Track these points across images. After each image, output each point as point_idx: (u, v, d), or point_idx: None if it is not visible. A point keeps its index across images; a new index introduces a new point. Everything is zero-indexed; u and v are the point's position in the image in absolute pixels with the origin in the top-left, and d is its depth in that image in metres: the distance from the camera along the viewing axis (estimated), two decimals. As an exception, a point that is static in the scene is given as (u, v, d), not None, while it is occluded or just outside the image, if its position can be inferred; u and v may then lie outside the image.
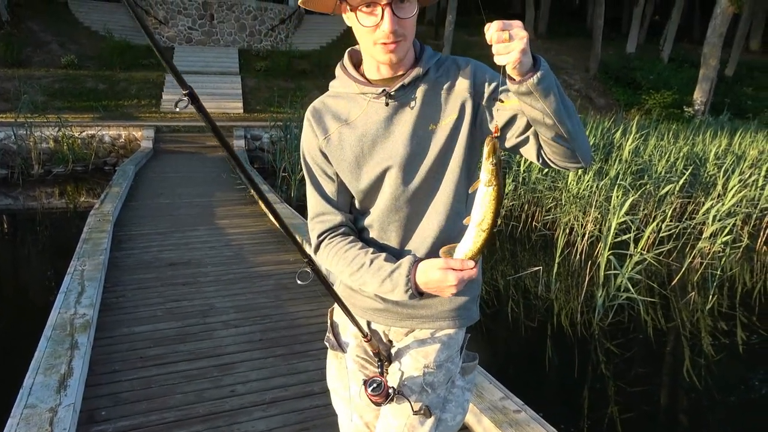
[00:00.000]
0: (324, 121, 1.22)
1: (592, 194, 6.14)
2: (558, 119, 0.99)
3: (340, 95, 1.22)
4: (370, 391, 1.22)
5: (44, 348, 2.75)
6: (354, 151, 1.18)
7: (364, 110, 1.18)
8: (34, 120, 10.54)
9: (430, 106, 1.15)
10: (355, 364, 1.38)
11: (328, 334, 1.43)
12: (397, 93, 1.15)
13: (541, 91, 0.95)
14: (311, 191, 1.27)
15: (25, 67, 14.71)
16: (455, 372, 1.32)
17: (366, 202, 1.23)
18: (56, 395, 2.34)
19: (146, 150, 10.57)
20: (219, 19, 18.59)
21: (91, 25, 17.95)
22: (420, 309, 1.27)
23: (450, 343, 1.29)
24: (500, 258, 6.39)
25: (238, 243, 5.16)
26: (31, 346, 2.78)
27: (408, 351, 1.29)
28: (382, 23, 1.04)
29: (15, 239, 7.33)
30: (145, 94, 14.63)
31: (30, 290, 5.54)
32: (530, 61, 0.94)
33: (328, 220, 1.25)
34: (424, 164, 1.16)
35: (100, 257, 4.20)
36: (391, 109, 1.16)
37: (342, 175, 1.22)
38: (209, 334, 3.27)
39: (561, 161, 1.10)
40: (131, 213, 6.15)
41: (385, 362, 1.34)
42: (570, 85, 20.05)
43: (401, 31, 1.07)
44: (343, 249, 1.21)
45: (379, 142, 1.17)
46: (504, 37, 0.91)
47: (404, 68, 1.15)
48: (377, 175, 1.17)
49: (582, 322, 4.72)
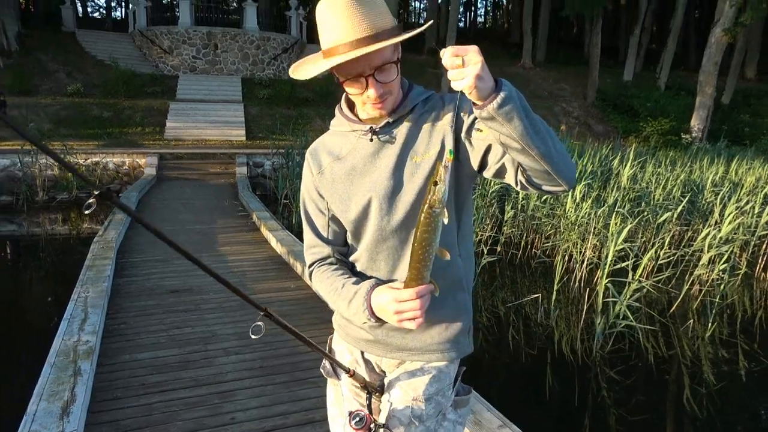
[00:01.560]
0: (319, 158, 1.31)
1: (591, 221, 6.20)
2: (526, 143, 0.99)
3: (336, 133, 1.31)
4: (353, 423, 1.26)
5: (48, 374, 2.78)
6: (343, 183, 1.26)
7: (353, 146, 1.27)
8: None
9: (414, 140, 1.22)
10: (349, 392, 1.42)
11: (324, 361, 1.47)
12: (382, 129, 1.23)
13: (503, 116, 0.96)
14: (305, 225, 1.36)
15: (32, 96, 14.96)
16: (446, 405, 1.33)
17: (357, 233, 1.29)
18: (59, 422, 2.36)
19: (150, 177, 10.69)
20: (223, 49, 18.96)
21: (97, 54, 18.31)
22: (409, 341, 1.30)
23: (440, 376, 1.30)
24: (500, 285, 6.42)
25: (239, 270, 5.20)
26: (35, 372, 2.81)
27: (398, 383, 1.32)
28: (368, 90, 1.14)
29: (19, 265, 7.38)
30: (149, 122, 14.85)
31: (34, 316, 5.57)
32: (489, 86, 0.95)
33: (317, 252, 1.34)
34: (407, 196, 1.20)
35: (103, 284, 4.24)
36: (376, 144, 1.23)
37: (333, 207, 1.29)
38: (210, 361, 3.30)
39: (540, 184, 1.10)
40: (134, 240, 6.20)
41: (375, 393, 1.37)
42: (568, 112, 20.31)
43: (386, 91, 1.16)
44: (326, 276, 1.30)
45: (365, 175, 1.24)
46: (457, 62, 0.93)
47: (395, 104, 1.23)
48: (363, 206, 1.24)
49: (582, 349, 4.73)
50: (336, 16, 1.09)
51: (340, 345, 1.44)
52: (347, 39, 1.09)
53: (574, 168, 1.12)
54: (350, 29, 1.09)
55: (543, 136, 1.02)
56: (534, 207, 7.31)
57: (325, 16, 1.11)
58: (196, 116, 15.24)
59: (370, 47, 1.07)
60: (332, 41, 1.11)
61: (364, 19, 1.09)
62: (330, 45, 1.11)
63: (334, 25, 1.10)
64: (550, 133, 1.05)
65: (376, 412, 1.39)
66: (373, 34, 1.09)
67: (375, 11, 1.10)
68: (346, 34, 1.09)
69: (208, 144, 14.05)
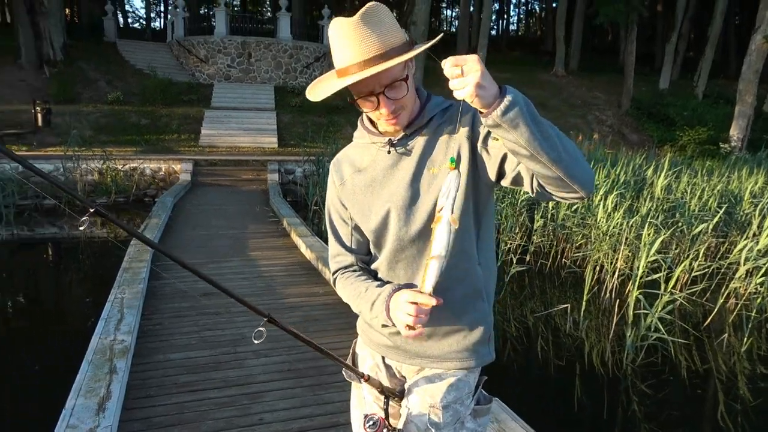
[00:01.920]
0: (341, 170, 1.35)
1: (623, 232, 6.10)
2: (534, 149, 0.99)
3: (358, 145, 1.35)
4: (367, 426, 1.30)
5: (85, 371, 2.89)
6: (364, 194, 1.30)
7: (373, 158, 1.30)
8: (81, 153, 11.10)
9: (431, 151, 1.24)
10: (370, 395, 1.45)
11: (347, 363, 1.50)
12: (400, 141, 1.25)
13: (508, 122, 0.97)
14: (330, 234, 1.40)
15: (75, 104, 15.52)
16: (464, 414, 1.34)
17: (378, 242, 1.32)
18: (95, 417, 2.46)
19: (185, 182, 10.96)
20: (256, 58, 19.34)
21: (137, 63, 18.90)
22: (427, 348, 1.32)
23: (459, 384, 1.32)
24: (529, 295, 6.36)
25: (269, 274, 5.30)
26: (74, 369, 2.93)
27: (416, 389, 1.34)
28: (381, 107, 1.17)
29: (60, 267, 7.66)
30: (185, 129, 15.23)
31: (73, 316, 5.78)
32: (492, 94, 0.96)
33: (341, 260, 1.39)
34: (424, 206, 1.22)
35: (138, 286, 4.38)
36: (394, 156, 1.26)
37: (355, 217, 1.33)
38: (240, 363, 3.38)
39: (555, 192, 1.10)
40: (169, 243, 6.38)
41: (393, 398, 1.40)
42: (602, 121, 20.01)
43: (399, 107, 1.19)
44: (350, 282, 1.34)
45: (384, 187, 1.27)
46: (457, 72, 0.95)
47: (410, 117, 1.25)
48: (382, 216, 1.27)
49: (613, 361, 4.65)
50: (345, 37, 1.12)
51: (363, 349, 1.47)
52: (356, 60, 1.12)
53: (591, 174, 1.10)
54: (359, 50, 1.11)
55: (552, 141, 1.01)
56: (564, 216, 7.23)
57: (335, 37, 1.14)
58: (229, 124, 15.57)
59: (378, 67, 1.09)
60: (343, 62, 1.14)
61: (372, 39, 1.11)
62: (341, 66, 1.15)
63: (343, 45, 1.13)
64: (562, 139, 1.04)
65: (396, 417, 1.42)
66: (381, 53, 1.11)
67: (383, 30, 1.12)
68: (355, 54, 1.12)
69: (241, 151, 14.32)
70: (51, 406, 2.65)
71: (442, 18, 50.55)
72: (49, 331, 5.39)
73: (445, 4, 47.91)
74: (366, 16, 1.12)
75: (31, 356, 4.70)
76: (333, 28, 1.15)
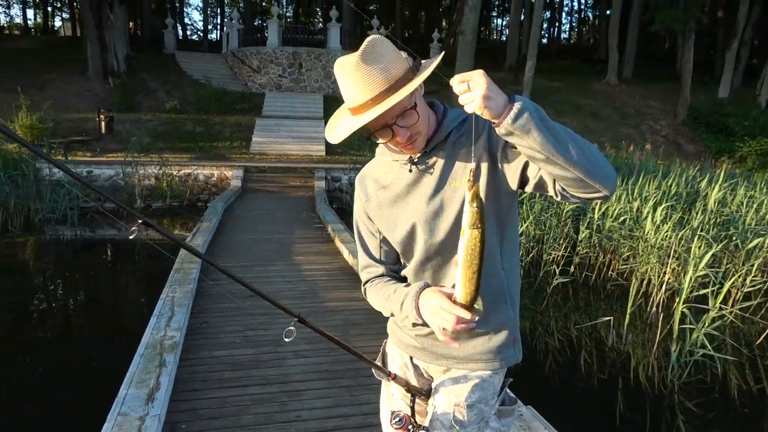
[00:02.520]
0: (366, 186, 1.41)
1: (671, 244, 5.92)
2: (549, 152, 1.03)
3: (381, 162, 1.40)
4: (393, 423, 1.36)
5: (137, 364, 3.07)
6: (389, 209, 1.36)
7: (395, 175, 1.35)
8: (139, 159, 11.67)
9: (451, 166, 1.28)
10: (398, 393, 1.51)
11: (376, 361, 1.57)
12: (420, 159, 1.30)
13: (519, 129, 1.00)
14: (359, 246, 1.47)
15: (135, 112, 16.32)
16: (489, 413, 1.38)
17: (405, 254, 1.38)
18: (145, 406, 2.62)
19: (235, 188, 11.34)
20: (307, 68, 19.82)
21: (193, 74, 19.69)
22: (453, 350, 1.37)
23: (483, 385, 1.36)
24: (573, 307, 6.26)
25: (312, 278, 5.44)
26: (127, 361, 3.12)
27: (442, 388, 1.39)
28: (396, 137, 1.23)
29: (117, 267, 8.07)
30: (237, 137, 15.75)
31: (128, 312, 6.11)
32: (500, 104, 1.00)
33: (371, 271, 1.45)
34: (447, 218, 1.27)
35: (189, 286, 4.59)
36: (416, 173, 1.31)
37: (382, 231, 1.39)
38: (280, 362, 3.50)
39: (578, 193, 1.12)
40: (218, 246, 6.63)
41: (420, 396, 1.45)
42: (656, 131, 19.39)
43: (414, 132, 1.23)
44: (379, 287, 1.41)
45: (408, 202, 1.32)
46: (464, 88, 1.00)
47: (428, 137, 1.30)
48: (407, 230, 1.32)
49: (659, 378, 4.53)
50: (348, 78, 1.17)
51: (392, 349, 1.54)
52: (364, 99, 1.16)
53: (611, 172, 1.12)
54: (364, 89, 1.16)
55: (566, 143, 1.04)
56: (610, 228, 7.07)
57: (340, 78, 1.19)
58: (279, 132, 15.99)
59: (386, 103, 1.14)
60: (351, 102, 1.19)
61: (374, 77, 1.14)
62: (351, 106, 1.20)
63: (348, 86, 1.18)
64: (577, 140, 1.07)
65: (423, 414, 1.47)
66: (386, 87, 1.14)
67: (384, 64, 1.15)
68: (362, 94, 1.16)
69: (290, 158, 14.68)
70: (104, 395, 2.82)
71: (492, 27, 50.30)
72: (105, 325, 5.72)
73: (495, 13, 47.65)
74: (365, 54, 1.15)
75: (89, 349, 5.00)
76: (337, 69, 1.20)
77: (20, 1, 41.42)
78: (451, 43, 28.20)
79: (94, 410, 2.77)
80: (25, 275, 7.44)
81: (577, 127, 18.33)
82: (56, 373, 4.47)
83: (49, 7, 40.86)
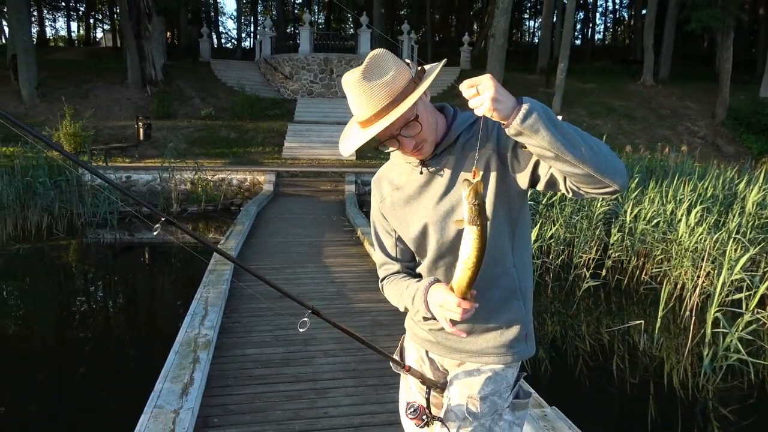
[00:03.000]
0: (381, 187, 1.47)
1: (705, 247, 5.79)
2: (558, 150, 1.06)
3: (395, 164, 1.46)
4: (409, 413, 1.41)
5: (172, 360, 3.20)
6: (402, 210, 1.41)
7: (408, 177, 1.40)
8: (175, 165, 12.02)
9: (461, 167, 1.33)
10: (414, 385, 1.56)
11: (394, 355, 1.63)
12: (431, 161, 1.35)
13: (528, 128, 1.04)
14: (376, 245, 1.53)
15: (172, 119, 16.81)
16: (502, 406, 1.41)
17: (419, 252, 1.43)
18: (179, 400, 2.73)
19: (268, 192, 11.56)
20: (338, 73, 20.04)
21: (227, 81, 20.16)
22: (465, 344, 1.42)
23: (496, 378, 1.40)
24: (605, 311, 6.19)
25: (341, 280, 5.52)
26: (162, 357, 3.25)
27: (456, 381, 1.44)
28: (402, 147, 1.28)
29: (154, 269, 8.34)
30: (269, 142, 16.05)
31: (164, 311, 6.33)
32: (509, 106, 1.03)
33: (387, 268, 1.51)
34: (457, 218, 1.31)
35: (222, 287, 4.73)
36: (427, 175, 1.36)
37: (397, 230, 1.46)
38: (309, 360, 3.58)
39: (589, 189, 1.15)
40: (251, 249, 6.79)
41: (435, 389, 1.50)
42: (694, 132, 18.90)
43: (420, 140, 1.28)
44: (394, 284, 1.46)
45: (420, 203, 1.38)
46: (473, 92, 1.04)
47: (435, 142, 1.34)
48: (420, 230, 1.38)
49: (693, 383, 4.44)
50: (353, 94, 1.23)
51: (409, 343, 1.60)
52: (369, 114, 1.22)
53: (621, 167, 1.15)
54: (368, 105, 1.21)
55: (574, 141, 1.07)
56: (643, 231, 6.95)
57: (346, 92, 1.25)
58: (311, 137, 16.22)
59: (388, 119, 1.19)
60: (357, 116, 1.26)
61: (376, 92, 1.20)
62: (357, 119, 1.27)
63: (353, 101, 1.24)
64: (586, 138, 1.10)
65: (438, 406, 1.52)
66: (388, 102, 1.19)
67: (387, 79, 1.20)
68: (365, 110, 1.22)
69: (321, 163, 14.87)
70: (142, 389, 2.96)
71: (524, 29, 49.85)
72: (142, 324, 5.93)
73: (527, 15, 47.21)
74: (367, 71, 1.20)
75: (127, 345, 5.21)
76: (343, 84, 1.26)
77: (64, 14, 43.18)
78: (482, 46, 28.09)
79: (131, 403, 2.91)
80: (69, 276, 7.77)
81: (611, 128, 18.01)
82: (97, 368, 4.69)
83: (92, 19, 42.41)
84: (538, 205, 7.68)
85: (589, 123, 18.51)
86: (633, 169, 9.83)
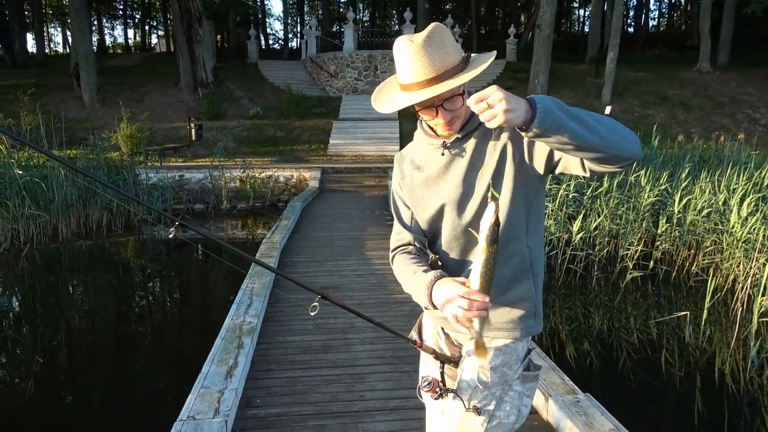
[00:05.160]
0: (403, 165, 1.55)
1: (757, 238, 5.56)
2: (582, 141, 1.10)
3: (418, 144, 1.53)
4: (424, 386, 1.48)
5: (219, 345, 3.39)
6: (421, 189, 1.48)
7: (429, 158, 1.47)
8: (225, 163, 12.45)
9: (481, 153, 1.39)
10: (431, 360, 1.63)
11: (412, 332, 1.70)
12: (453, 144, 1.41)
13: (546, 131, 1.07)
14: (394, 216, 1.60)
15: (221, 119, 17.36)
16: (512, 377, 1.48)
17: (433, 233, 1.50)
18: (224, 381, 2.91)
19: (313, 189, 11.81)
20: (382, 70, 20.16)
21: (274, 81, 20.63)
22: None
23: (506, 350, 1.47)
24: (653, 303, 6.04)
25: (381, 272, 5.63)
26: (210, 342, 3.45)
27: (469, 355, 1.51)
28: (438, 117, 1.34)
29: (207, 263, 8.70)
30: (315, 140, 16.35)
31: (214, 300, 6.63)
32: (522, 112, 1.06)
33: (401, 238, 1.56)
34: (474, 201, 1.38)
35: (266, 278, 4.92)
36: (448, 157, 1.43)
37: (413, 208, 1.52)
38: (348, 347, 3.71)
39: (610, 167, 1.20)
40: (295, 243, 7.00)
41: (447, 363, 1.56)
42: (755, 120, 17.99)
43: (454, 116, 1.34)
44: (403, 263, 1.50)
45: (438, 184, 1.44)
46: (483, 107, 1.06)
47: (463, 123, 1.41)
48: (437, 210, 1.44)
49: (743, 376, 4.31)
50: (409, 57, 1.28)
51: (426, 320, 1.68)
52: (418, 79, 1.27)
53: (635, 137, 1.19)
54: (421, 71, 1.26)
55: (594, 128, 1.12)
56: (693, 221, 6.73)
57: (400, 54, 1.30)
58: (355, 134, 16.42)
59: (438, 88, 1.25)
60: (406, 80, 1.30)
61: (433, 61, 1.25)
62: (404, 82, 1.32)
63: (407, 65, 1.29)
64: (599, 119, 1.15)
65: (453, 379, 1.59)
66: (441, 73, 1.26)
67: (443, 52, 1.25)
68: (418, 74, 1.27)
69: (365, 159, 15.04)
70: (190, 371, 3.16)
71: (573, 18, 48.53)
72: (195, 312, 6.24)
73: (577, 4, 45.94)
74: (429, 38, 1.25)
75: (179, 332, 5.51)
76: (399, 45, 1.31)
77: (122, 22, 45.22)
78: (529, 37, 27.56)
79: (180, 383, 3.11)
80: (127, 271, 8.23)
81: (664, 118, 17.37)
82: (152, 353, 5.01)
83: (147, 26, 44.24)
84: (582, 197, 7.55)
85: (641, 113, 17.91)
86: (684, 158, 9.48)
